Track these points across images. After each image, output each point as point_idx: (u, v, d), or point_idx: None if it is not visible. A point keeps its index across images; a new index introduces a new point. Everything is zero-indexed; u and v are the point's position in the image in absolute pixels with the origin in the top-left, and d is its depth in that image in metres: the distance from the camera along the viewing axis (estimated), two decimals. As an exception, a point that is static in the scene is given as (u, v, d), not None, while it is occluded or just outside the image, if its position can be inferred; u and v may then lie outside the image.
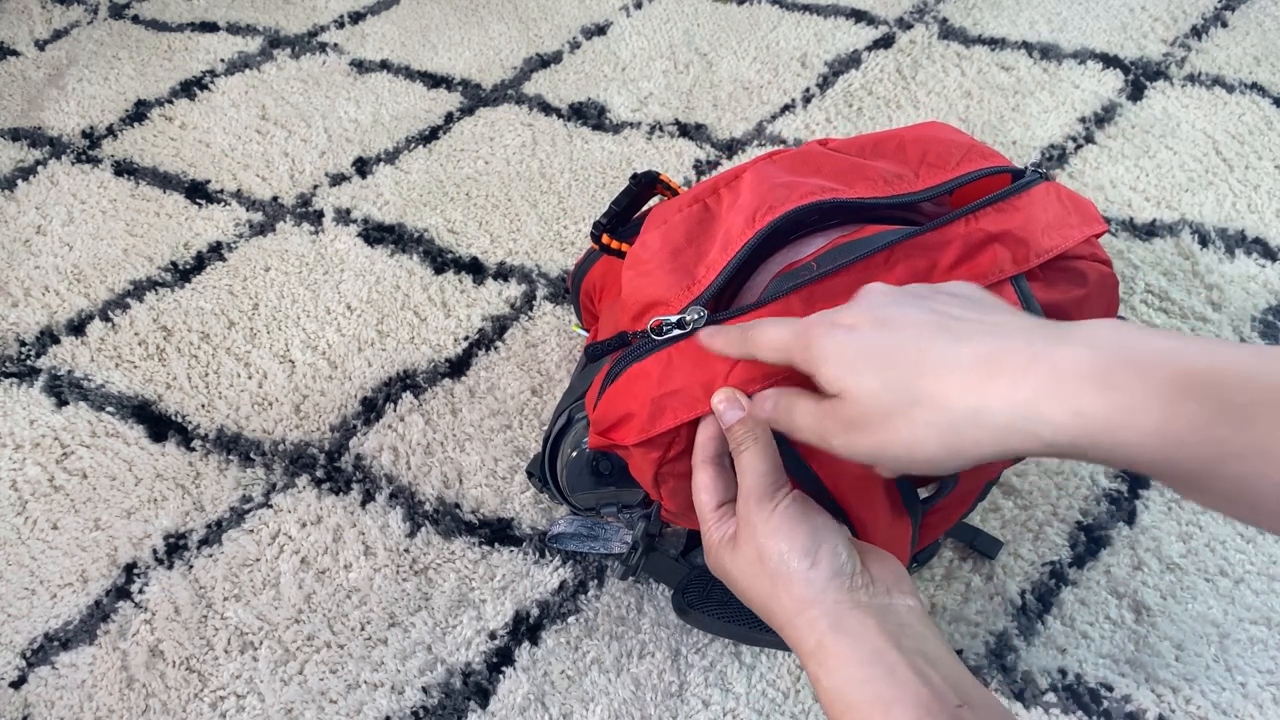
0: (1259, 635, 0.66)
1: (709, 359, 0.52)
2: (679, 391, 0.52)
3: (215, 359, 0.91)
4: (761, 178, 0.58)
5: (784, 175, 0.58)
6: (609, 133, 1.13)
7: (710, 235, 0.57)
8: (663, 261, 0.57)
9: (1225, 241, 0.93)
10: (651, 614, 0.70)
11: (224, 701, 0.68)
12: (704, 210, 0.59)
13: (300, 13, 1.38)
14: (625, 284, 0.58)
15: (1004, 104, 1.11)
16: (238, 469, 0.82)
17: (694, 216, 0.58)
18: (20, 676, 0.71)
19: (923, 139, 0.61)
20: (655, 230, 0.59)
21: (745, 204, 0.56)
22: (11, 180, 1.14)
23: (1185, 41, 1.17)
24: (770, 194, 0.56)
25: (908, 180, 0.58)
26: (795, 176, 0.57)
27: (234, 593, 0.74)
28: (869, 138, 0.62)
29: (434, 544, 0.76)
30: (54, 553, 0.78)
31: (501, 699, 0.67)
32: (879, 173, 0.58)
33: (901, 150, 0.60)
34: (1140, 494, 0.74)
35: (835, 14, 1.27)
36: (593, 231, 0.65)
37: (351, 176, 1.10)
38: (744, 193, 0.58)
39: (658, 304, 0.55)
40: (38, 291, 1.00)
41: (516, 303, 0.94)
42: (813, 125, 1.10)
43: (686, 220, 0.58)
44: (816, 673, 0.46)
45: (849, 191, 0.56)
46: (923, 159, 0.59)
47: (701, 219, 0.58)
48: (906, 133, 0.62)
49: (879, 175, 0.58)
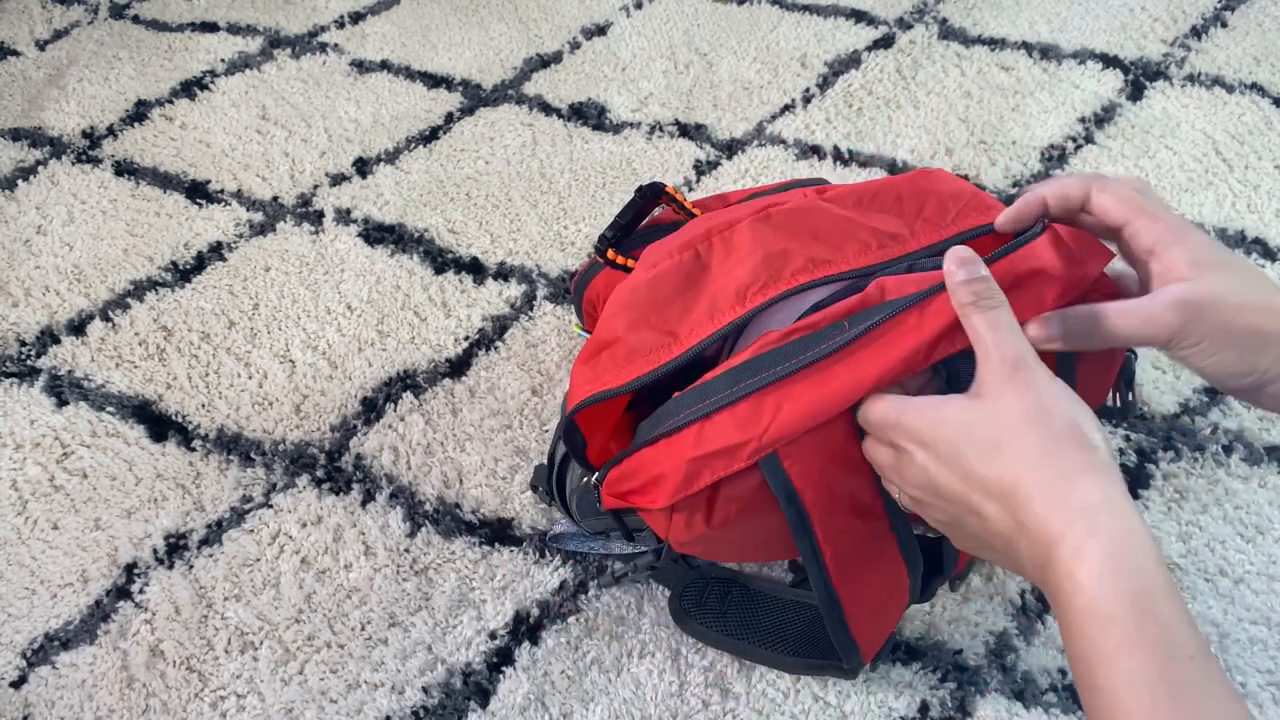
0: (1259, 635, 0.67)
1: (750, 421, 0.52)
2: (720, 452, 0.52)
3: (215, 359, 0.91)
4: (758, 241, 0.57)
5: (779, 240, 0.57)
6: (609, 133, 1.13)
7: (698, 291, 0.57)
8: (647, 312, 0.57)
9: (1225, 241, 0.93)
10: (651, 614, 0.70)
11: (224, 701, 0.68)
12: (695, 260, 0.59)
13: (300, 13, 1.38)
14: (607, 316, 0.58)
15: (1004, 104, 1.11)
16: (238, 469, 0.82)
17: (684, 266, 0.58)
18: (20, 676, 0.71)
19: (920, 192, 0.60)
20: (645, 273, 0.59)
21: (739, 270, 0.56)
22: (12, 180, 1.14)
23: (1185, 42, 1.17)
24: (763, 266, 0.56)
25: (901, 240, 0.57)
26: (790, 243, 0.57)
27: (234, 593, 0.74)
28: (867, 188, 0.62)
29: (434, 544, 0.76)
30: (54, 553, 0.78)
31: (501, 699, 0.67)
32: (873, 233, 0.57)
33: (899, 204, 0.60)
34: (1140, 494, 0.75)
35: (835, 14, 1.27)
36: (597, 245, 0.65)
37: (351, 176, 1.10)
38: (737, 252, 0.57)
39: (635, 352, 0.56)
40: (38, 291, 1.00)
41: (517, 303, 0.94)
42: (813, 125, 1.10)
43: (676, 270, 0.58)
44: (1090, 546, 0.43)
45: (839, 262, 0.56)
46: (919, 213, 0.59)
47: (691, 271, 0.58)
48: (905, 185, 0.61)
49: (873, 236, 0.57)
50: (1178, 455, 0.77)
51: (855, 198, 0.61)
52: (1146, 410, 0.80)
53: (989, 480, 0.46)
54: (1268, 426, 0.78)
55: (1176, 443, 0.77)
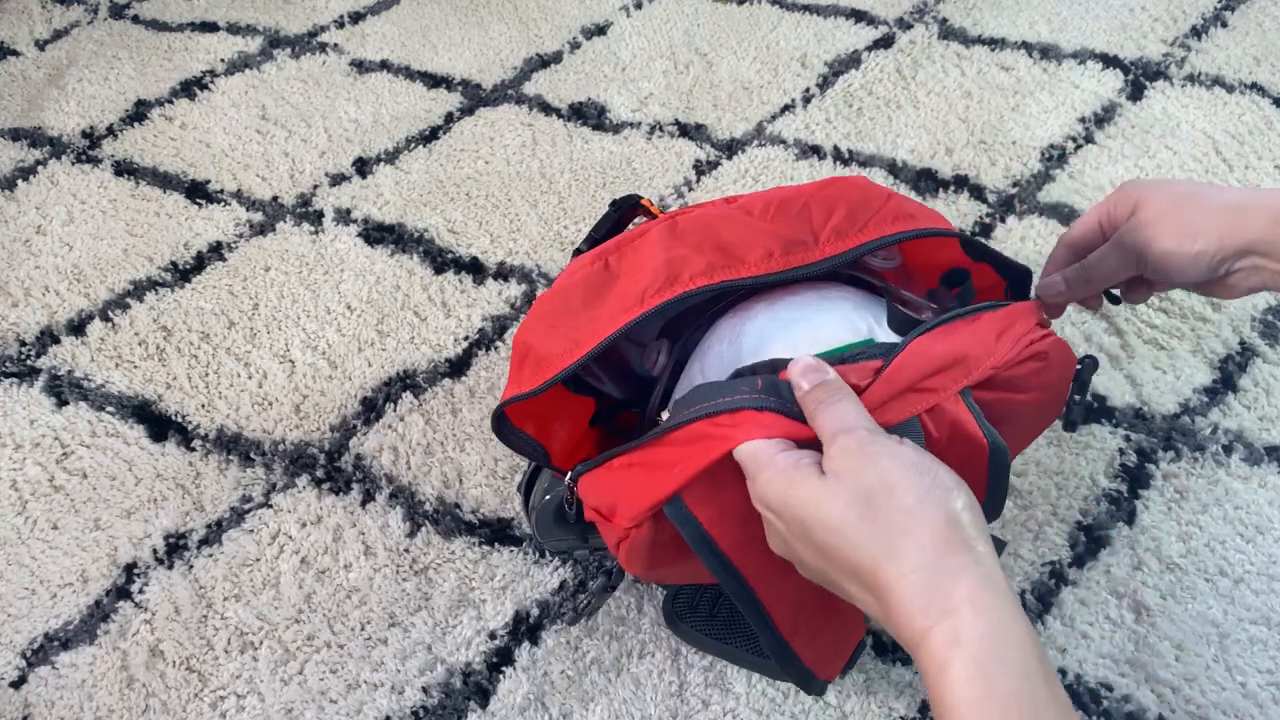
0: (1259, 635, 0.67)
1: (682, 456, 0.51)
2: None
3: (215, 359, 0.91)
4: (661, 247, 0.58)
5: (680, 246, 0.57)
6: (609, 133, 1.13)
7: (605, 298, 0.58)
8: (557, 321, 0.58)
9: (1225, 241, 0.93)
10: (651, 614, 0.70)
11: (224, 701, 0.68)
12: (604, 270, 0.59)
13: (300, 13, 1.38)
14: (524, 327, 0.60)
15: (1004, 104, 1.11)
16: (238, 469, 0.82)
17: (594, 277, 0.59)
18: (20, 676, 0.71)
19: (830, 200, 0.59)
20: (560, 283, 0.60)
21: (640, 275, 0.57)
22: (11, 180, 1.14)
23: (1185, 41, 1.17)
24: (664, 269, 0.56)
25: (806, 248, 0.57)
26: (690, 249, 0.57)
27: (234, 593, 0.74)
28: (776, 195, 0.61)
29: (434, 544, 0.76)
30: (54, 553, 0.78)
31: (501, 699, 0.67)
32: (778, 240, 0.57)
33: (805, 212, 0.59)
34: (1140, 494, 0.75)
35: (835, 14, 1.27)
36: (573, 259, 0.66)
37: (351, 176, 1.10)
38: (643, 256, 0.58)
39: (544, 360, 0.56)
40: (38, 291, 1.00)
41: (516, 303, 0.94)
42: (813, 125, 1.10)
43: (586, 281, 0.59)
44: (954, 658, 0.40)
45: (741, 268, 0.56)
46: (826, 222, 0.58)
47: (600, 280, 0.59)
48: (815, 194, 0.60)
49: (778, 244, 0.57)
50: (1178, 455, 0.77)
51: (764, 205, 0.60)
52: (1146, 410, 0.80)
53: (845, 562, 0.44)
54: (1268, 426, 0.78)
55: (1176, 443, 0.77)
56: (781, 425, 0.49)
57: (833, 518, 0.44)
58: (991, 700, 0.39)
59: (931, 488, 0.43)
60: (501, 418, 0.58)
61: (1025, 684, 0.40)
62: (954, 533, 0.42)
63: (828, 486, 0.45)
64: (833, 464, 0.45)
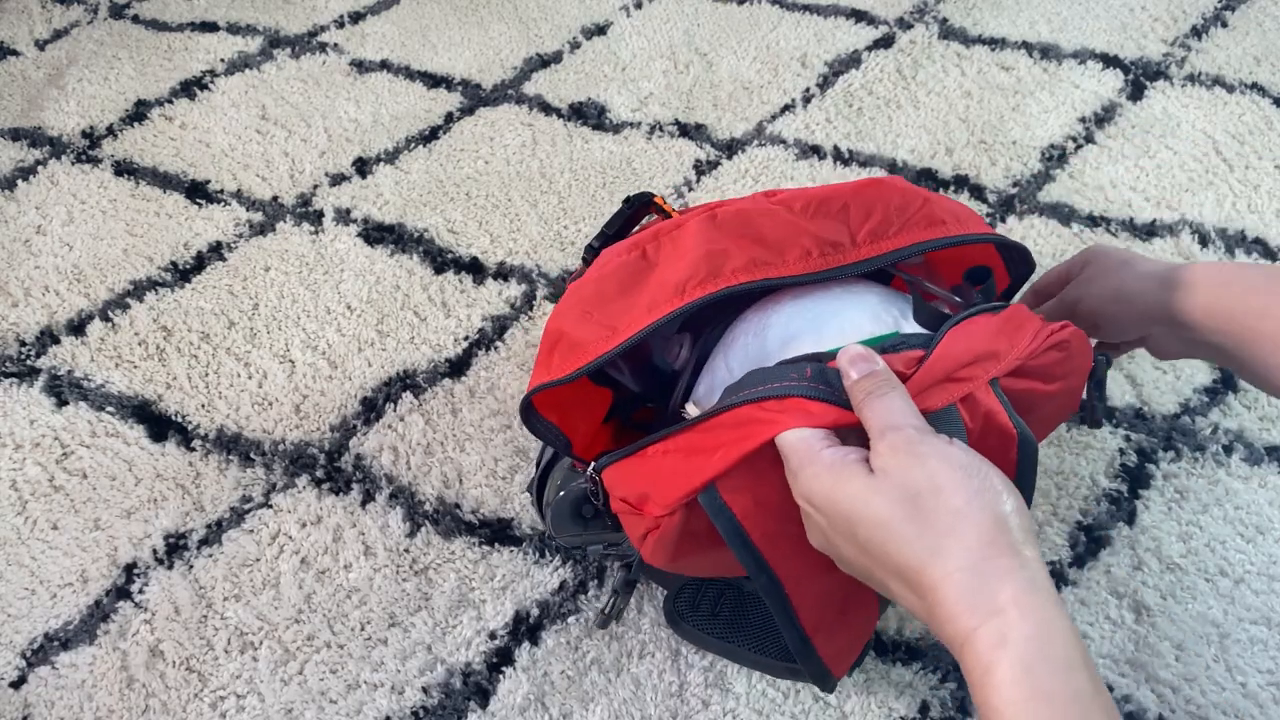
0: (1259, 635, 0.67)
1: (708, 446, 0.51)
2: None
3: (215, 359, 0.91)
4: (701, 239, 0.57)
5: (723, 240, 0.57)
6: (609, 133, 1.13)
7: (642, 287, 0.57)
8: (591, 308, 0.57)
9: (1225, 241, 0.93)
10: (651, 614, 0.70)
11: (224, 701, 0.68)
12: (641, 259, 0.59)
13: (300, 13, 1.38)
14: (556, 314, 0.59)
15: (1004, 104, 1.11)
16: (238, 469, 0.82)
17: (630, 265, 0.59)
18: (20, 676, 0.71)
19: (869, 201, 0.59)
20: (594, 273, 0.60)
21: (680, 265, 0.56)
22: (11, 180, 1.14)
23: (1185, 41, 1.17)
24: (704, 262, 0.56)
25: (843, 250, 0.57)
26: (733, 242, 0.57)
27: (234, 593, 0.74)
28: (817, 193, 0.61)
29: (434, 544, 0.76)
30: (54, 553, 0.78)
31: (501, 699, 0.67)
32: (816, 240, 0.57)
33: (844, 213, 0.59)
34: (1140, 494, 0.75)
35: (835, 14, 1.27)
36: (585, 255, 0.65)
37: (351, 176, 1.10)
38: (683, 247, 0.58)
39: (577, 346, 0.56)
40: (38, 291, 1.00)
41: (516, 303, 0.94)
42: (813, 125, 1.10)
43: (622, 269, 0.59)
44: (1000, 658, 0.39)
45: (781, 266, 0.56)
46: (864, 224, 0.58)
47: (637, 269, 0.58)
48: (854, 194, 0.60)
49: (815, 244, 0.57)
50: (1178, 455, 0.77)
51: (803, 203, 0.60)
52: (1146, 410, 0.80)
53: (890, 560, 0.44)
54: (1268, 426, 0.78)
55: (1176, 443, 0.77)
56: (829, 414, 0.48)
57: (880, 515, 0.43)
58: (1037, 701, 0.39)
59: (980, 489, 0.43)
60: (529, 404, 0.58)
61: (1071, 686, 0.39)
62: (1001, 535, 0.42)
63: (875, 484, 0.44)
64: (880, 460, 0.45)
